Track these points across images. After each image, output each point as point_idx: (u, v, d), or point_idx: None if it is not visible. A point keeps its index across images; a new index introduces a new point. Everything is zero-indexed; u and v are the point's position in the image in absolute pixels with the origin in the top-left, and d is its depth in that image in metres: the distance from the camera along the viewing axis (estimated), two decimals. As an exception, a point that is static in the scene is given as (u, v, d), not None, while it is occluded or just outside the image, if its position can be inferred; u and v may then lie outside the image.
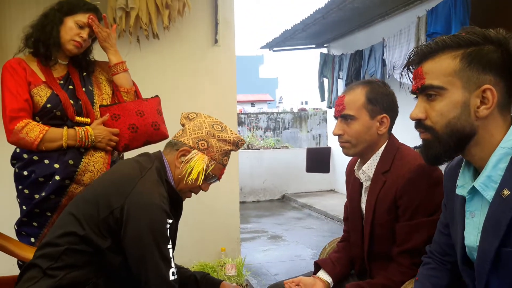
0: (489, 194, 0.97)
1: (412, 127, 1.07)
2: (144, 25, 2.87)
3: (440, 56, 1.00)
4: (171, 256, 1.25)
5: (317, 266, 1.63)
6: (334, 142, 7.65)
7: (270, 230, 5.32)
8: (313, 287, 1.53)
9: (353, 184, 1.62)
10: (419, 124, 1.04)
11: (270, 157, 7.62)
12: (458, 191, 1.06)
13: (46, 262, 1.23)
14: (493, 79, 0.96)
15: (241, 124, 11.81)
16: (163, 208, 1.25)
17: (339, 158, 7.42)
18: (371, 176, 1.49)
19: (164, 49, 3.19)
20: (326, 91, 6.94)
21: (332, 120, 7.97)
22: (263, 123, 12.09)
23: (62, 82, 1.84)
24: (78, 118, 1.82)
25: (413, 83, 1.05)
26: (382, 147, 1.49)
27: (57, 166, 1.75)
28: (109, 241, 1.24)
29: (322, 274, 1.58)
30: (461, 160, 1.09)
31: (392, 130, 1.54)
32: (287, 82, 36.46)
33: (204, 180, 1.43)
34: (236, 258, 3.24)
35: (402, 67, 1.13)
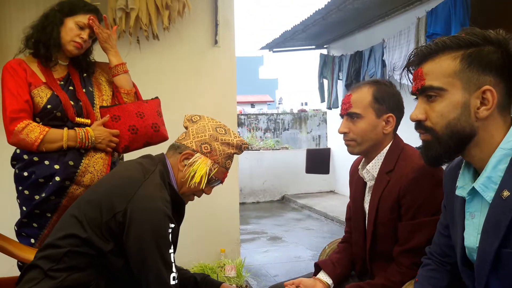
0: (489, 195, 0.97)
1: (412, 128, 1.07)
2: (144, 26, 2.87)
3: (440, 57, 0.99)
4: (173, 260, 1.25)
5: (317, 267, 1.62)
6: (334, 143, 7.73)
7: (270, 231, 5.31)
8: (313, 286, 1.52)
9: (356, 183, 1.62)
10: (419, 125, 1.04)
11: (270, 158, 7.61)
12: (458, 192, 1.06)
13: (48, 263, 1.23)
14: (493, 80, 0.96)
15: (241, 125, 11.80)
16: (166, 212, 1.24)
17: (339, 159, 7.43)
18: (375, 176, 1.49)
19: (164, 50, 3.18)
20: (326, 92, 6.94)
21: (332, 121, 7.97)
22: (263, 124, 12.08)
23: (62, 83, 1.84)
24: (78, 119, 1.82)
25: (413, 84, 1.05)
26: (387, 147, 1.49)
27: (57, 167, 1.75)
28: (111, 244, 1.24)
29: (322, 276, 1.57)
30: (461, 161, 1.09)
31: (393, 131, 1.54)
32: (287, 83, 36.53)
33: (207, 183, 1.42)
34: (236, 259, 3.24)
35: (402, 68, 1.13)
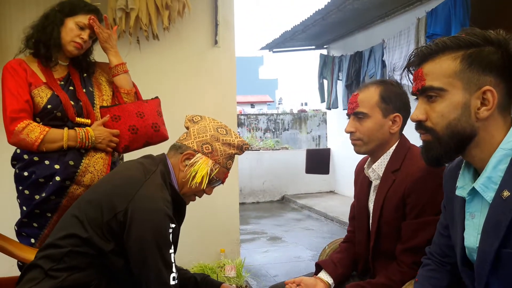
0: (489, 195, 0.97)
1: (412, 128, 1.07)
2: (144, 26, 2.87)
3: (440, 58, 1.00)
4: (173, 261, 1.25)
5: (318, 267, 1.63)
6: (334, 144, 7.73)
7: (270, 231, 5.31)
8: (314, 287, 1.53)
9: (361, 183, 1.63)
10: (420, 126, 1.04)
11: (270, 158, 7.62)
12: (458, 192, 1.06)
13: (49, 263, 1.23)
14: (493, 80, 0.96)
15: (241, 125, 11.80)
16: (167, 212, 1.24)
17: (339, 159, 7.43)
18: (381, 175, 1.49)
19: (164, 50, 3.19)
20: (326, 92, 6.95)
21: (332, 122, 7.97)
22: (262, 124, 12.08)
23: (62, 83, 1.84)
24: (78, 119, 1.82)
25: (413, 85, 1.05)
26: (393, 147, 1.50)
27: (57, 167, 1.75)
28: (112, 244, 1.24)
29: (323, 275, 1.58)
30: (461, 161, 1.09)
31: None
32: (286, 83, 36.51)
33: (208, 184, 1.42)
34: (236, 260, 3.24)
35: (402, 68, 1.13)
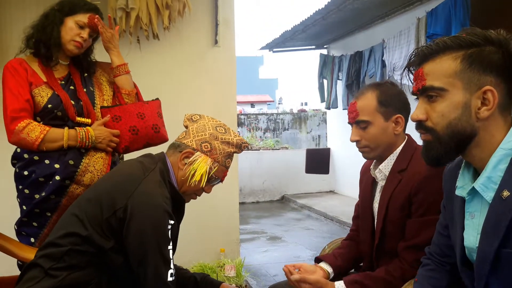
0: (488, 195, 0.97)
1: (413, 127, 1.07)
2: (144, 26, 2.88)
3: (440, 57, 0.99)
4: (171, 257, 1.25)
5: (318, 260, 1.65)
6: (334, 143, 7.73)
7: (270, 231, 5.32)
8: (313, 273, 1.54)
9: (366, 182, 1.63)
10: (420, 125, 1.04)
11: (270, 158, 7.62)
12: (458, 192, 1.06)
13: (48, 262, 1.23)
14: (494, 80, 0.96)
15: (241, 125, 11.80)
16: (165, 208, 1.25)
17: (339, 159, 7.43)
18: (387, 175, 1.50)
19: (164, 50, 3.19)
20: (326, 92, 6.95)
21: (332, 121, 7.97)
22: (262, 124, 12.07)
23: (63, 82, 1.85)
24: (79, 119, 1.82)
25: (413, 84, 1.05)
26: (400, 147, 1.50)
27: (57, 166, 1.76)
28: (112, 241, 1.24)
29: (323, 264, 1.60)
30: (461, 161, 1.09)
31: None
32: (287, 83, 36.50)
33: (207, 182, 1.43)
34: (236, 259, 3.24)
35: (402, 68, 1.13)
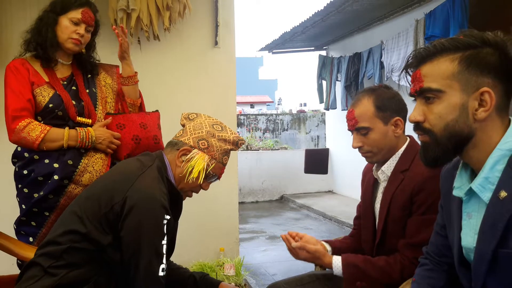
0: (486, 196, 0.97)
1: (411, 128, 1.08)
2: (145, 27, 2.88)
3: (438, 59, 1.00)
4: (164, 252, 1.25)
5: None
6: (333, 144, 7.74)
7: (269, 230, 5.32)
8: (315, 244, 1.55)
9: (367, 182, 1.65)
10: (418, 127, 1.05)
11: (269, 158, 7.63)
12: (455, 192, 1.06)
13: (48, 260, 1.24)
14: (491, 81, 0.96)
15: (240, 125, 11.79)
16: (162, 203, 1.26)
17: (337, 159, 7.44)
18: (390, 176, 1.51)
19: (164, 51, 3.19)
20: (325, 93, 6.96)
21: (331, 122, 7.97)
22: (262, 124, 12.06)
23: (65, 83, 1.85)
24: (79, 119, 1.83)
25: (411, 86, 1.06)
26: (402, 148, 1.51)
27: (56, 165, 1.76)
28: (110, 237, 1.25)
29: (324, 243, 1.63)
30: (458, 162, 1.09)
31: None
32: (286, 83, 36.53)
33: (205, 179, 1.44)
34: (235, 258, 3.25)
35: (400, 69, 1.13)
